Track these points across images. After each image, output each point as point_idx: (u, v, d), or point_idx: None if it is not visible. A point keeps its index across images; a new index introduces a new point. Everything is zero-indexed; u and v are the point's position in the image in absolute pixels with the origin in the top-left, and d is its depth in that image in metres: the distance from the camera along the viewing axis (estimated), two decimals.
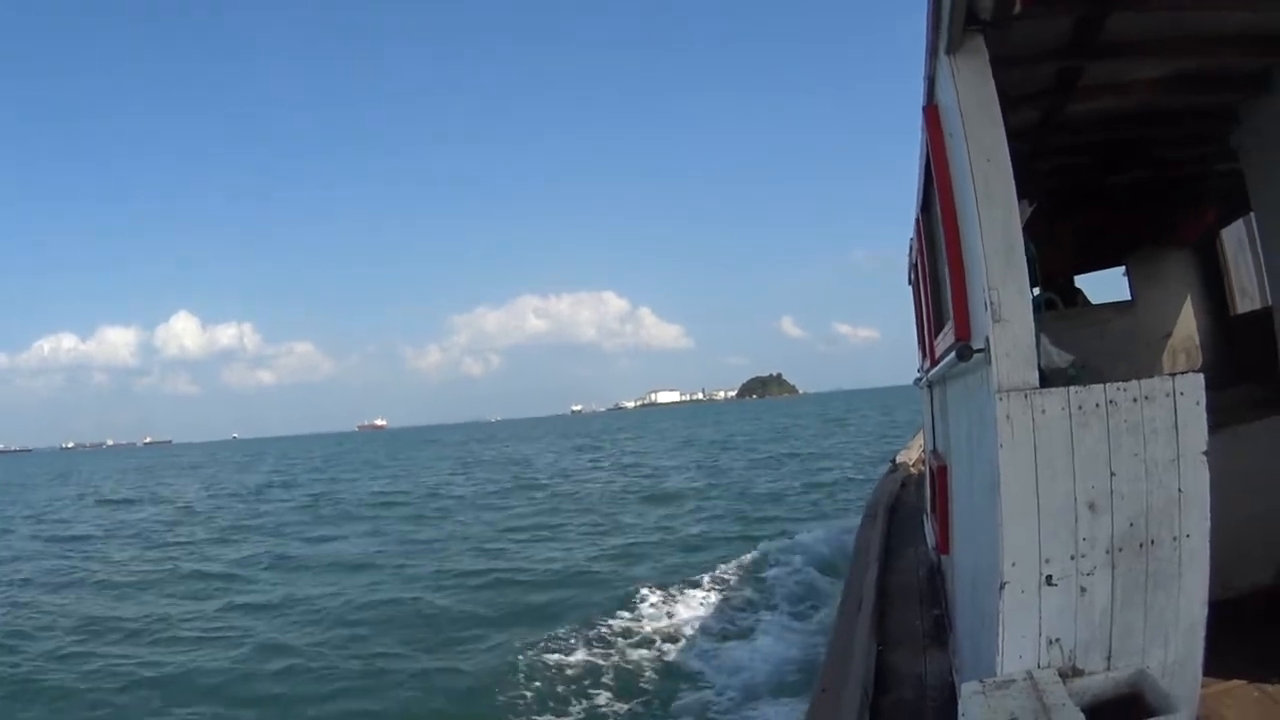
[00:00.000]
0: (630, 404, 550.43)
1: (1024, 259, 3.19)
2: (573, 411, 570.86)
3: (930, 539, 7.48)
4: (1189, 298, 7.70)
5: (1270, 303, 5.76)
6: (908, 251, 7.55)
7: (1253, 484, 4.92)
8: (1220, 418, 3.19)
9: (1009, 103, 3.34)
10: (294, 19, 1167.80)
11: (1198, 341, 7.58)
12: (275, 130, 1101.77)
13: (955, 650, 5.15)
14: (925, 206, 5.12)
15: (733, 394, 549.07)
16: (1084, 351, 3.83)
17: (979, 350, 3.30)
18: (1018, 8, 3.24)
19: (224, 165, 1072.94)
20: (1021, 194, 3.29)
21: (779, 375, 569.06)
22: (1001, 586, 3.06)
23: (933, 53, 3.74)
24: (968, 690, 3.02)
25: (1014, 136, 3.31)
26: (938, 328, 5.12)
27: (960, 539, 4.87)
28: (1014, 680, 3.00)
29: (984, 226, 3.19)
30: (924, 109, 4.06)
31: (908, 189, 5.85)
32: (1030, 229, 3.37)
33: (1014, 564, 3.05)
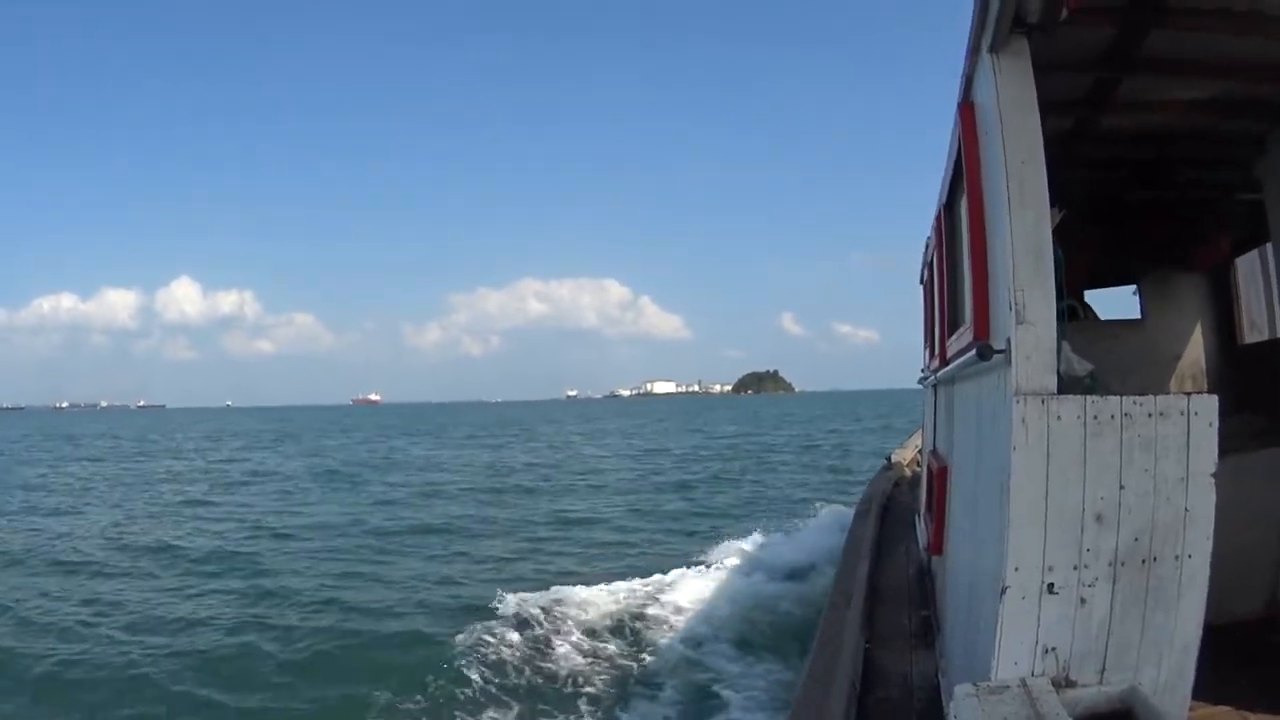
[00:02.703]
0: (626, 392, 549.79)
1: (1052, 263, 3.17)
2: (567, 396, 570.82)
3: (923, 539, 7.48)
4: (1199, 323, 7.68)
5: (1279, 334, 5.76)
6: (923, 250, 7.53)
7: (1250, 513, 4.93)
8: (1224, 444, 3.18)
9: (1041, 108, 3.31)
10: None
11: (1204, 367, 7.57)
12: (285, 104, 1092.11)
13: (943, 652, 5.15)
14: (949, 205, 5.09)
15: (728, 388, 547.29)
16: (1093, 365, 3.82)
17: (1000, 351, 3.28)
18: (1064, 13, 3.21)
19: (233, 134, 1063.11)
20: (1051, 200, 3.27)
21: (775, 372, 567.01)
22: (1003, 591, 3.05)
23: (974, 50, 3.70)
24: (960, 692, 3.01)
25: (1044, 143, 3.29)
26: (952, 328, 5.10)
27: (957, 541, 4.86)
28: (1008, 686, 2.99)
29: (1014, 227, 3.17)
30: (959, 106, 4.02)
31: (915, 194, 5.83)
32: (1056, 235, 3.35)
33: (1017, 569, 3.04)
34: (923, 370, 8.30)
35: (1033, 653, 3.09)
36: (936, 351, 6.14)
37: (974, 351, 3.48)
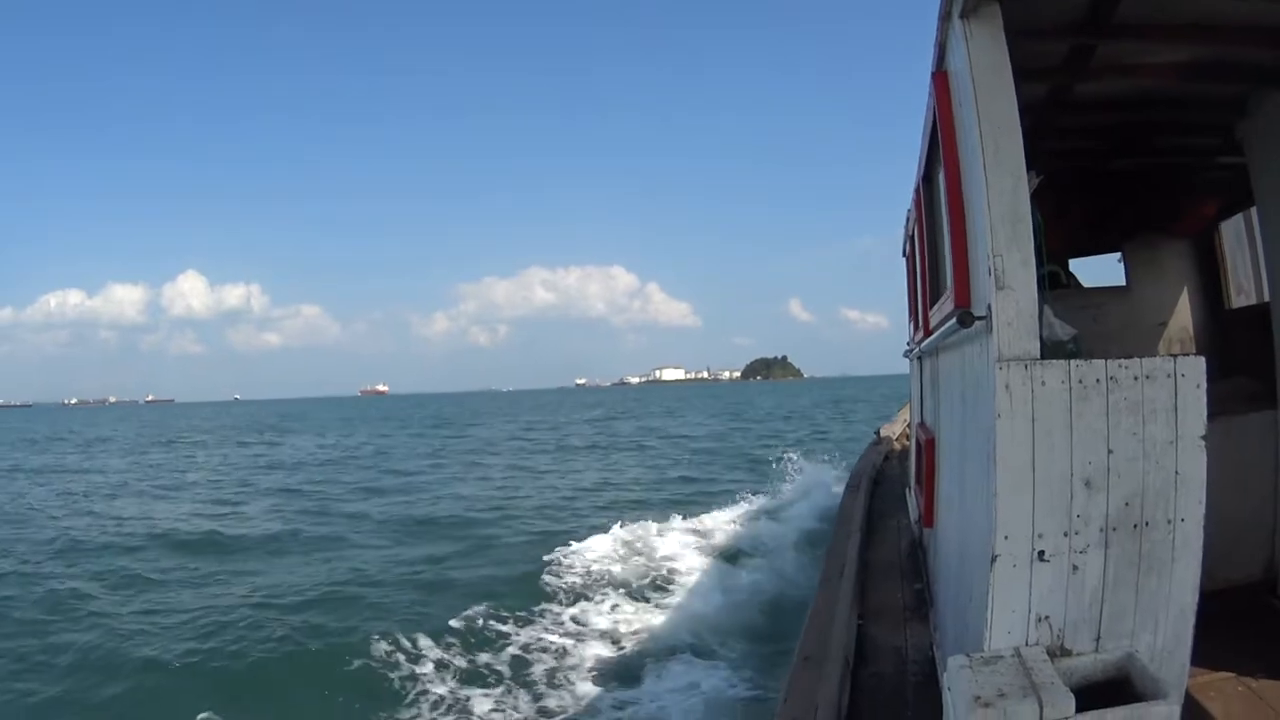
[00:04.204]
0: (635, 379, 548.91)
1: (1030, 228, 3.14)
2: (577, 385, 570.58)
3: (914, 512, 7.49)
4: (1185, 289, 7.67)
5: (1267, 297, 5.75)
6: (905, 223, 7.51)
7: (1244, 477, 4.94)
8: (1214, 408, 3.15)
9: (1017, 76, 3.28)
10: None
11: (1192, 333, 7.56)
12: (287, 97, 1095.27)
13: (936, 625, 5.15)
14: (927, 175, 5.07)
15: (737, 374, 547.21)
16: (1078, 331, 3.80)
17: (980, 317, 3.25)
18: None
19: (235, 126, 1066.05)
20: (1027, 166, 3.24)
21: (784, 358, 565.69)
22: (993, 560, 3.01)
23: (945, 17, 3.66)
24: (954, 664, 2.98)
25: (1020, 111, 3.25)
26: (933, 298, 5.08)
27: (947, 512, 4.85)
28: (1002, 656, 2.96)
29: (991, 193, 3.13)
30: (933, 75, 3.99)
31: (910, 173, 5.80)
32: (1036, 201, 3.31)
33: (1006, 537, 3.01)
34: (908, 343, 8.30)
35: (1026, 622, 3.06)
36: (920, 323, 6.13)
37: (955, 320, 3.45)
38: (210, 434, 65.98)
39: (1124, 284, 7.85)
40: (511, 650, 10.65)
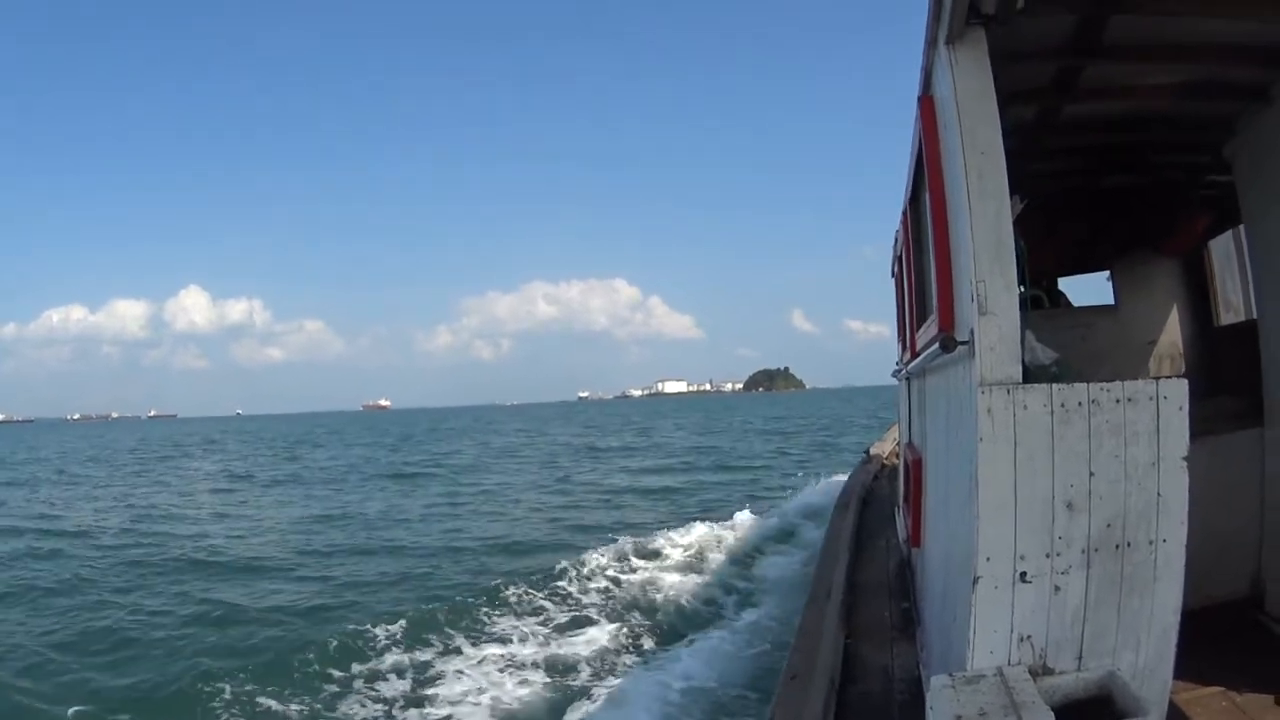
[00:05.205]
0: (637, 392, 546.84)
1: (1013, 253, 3.17)
2: (579, 398, 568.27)
3: (902, 531, 7.50)
4: (1174, 306, 7.71)
5: (1255, 315, 5.78)
6: (894, 243, 7.55)
7: (1230, 495, 4.96)
8: (1200, 427, 3.18)
9: (1004, 99, 3.31)
10: None
11: (1181, 350, 7.60)
12: (287, 107, 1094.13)
13: (923, 644, 5.16)
14: (914, 198, 5.11)
15: (739, 386, 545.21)
16: (1066, 353, 3.83)
17: (963, 342, 3.29)
18: (1021, 3, 3.21)
19: (235, 140, 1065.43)
20: (1012, 190, 3.27)
21: (786, 369, 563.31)
22: (975, 581, 3.05)
23: (931, 43, 3.71)
24: (937, 684, 3.01)
25: (1007, 134, 3.29)
26: (920, 320, 5.12)
27: (934, 532, 4.87)
28: (984, 676, 2.98)
29: (974, 219, 3.17)
30: (919, 100, 4.03)
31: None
32: (1019, 225, 3.35)
33: (989, 559, 3.04)
34: (897, 363, 8.34)
35: (1008, 642, 3.09)
36: (908, 344, 6.17)
37: (938, 344, 3.49)
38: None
39: (1113, 302, 7.90)
40: None
